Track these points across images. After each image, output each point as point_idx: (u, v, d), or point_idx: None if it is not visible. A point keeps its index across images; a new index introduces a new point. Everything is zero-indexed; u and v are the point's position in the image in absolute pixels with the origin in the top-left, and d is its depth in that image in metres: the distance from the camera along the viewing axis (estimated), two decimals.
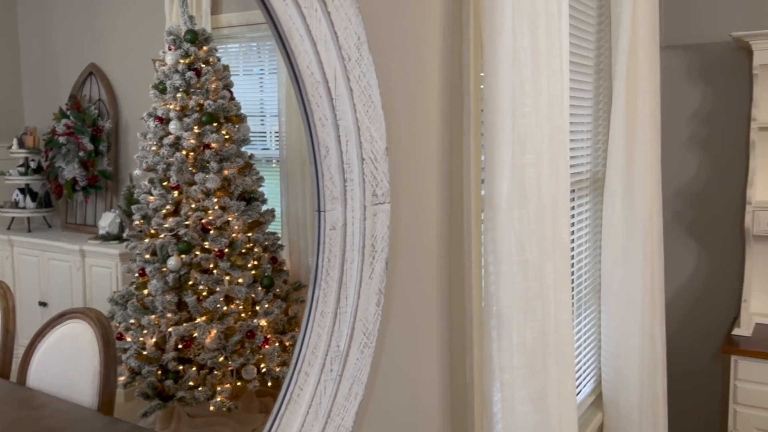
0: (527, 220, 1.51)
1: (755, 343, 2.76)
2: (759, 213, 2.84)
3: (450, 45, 1.49)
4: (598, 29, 2.52)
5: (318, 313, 1.07)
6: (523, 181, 1.50)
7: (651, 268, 2.51)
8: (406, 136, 1.36)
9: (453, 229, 1.55)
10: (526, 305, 1.52)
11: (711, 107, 3.15)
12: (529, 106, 1.49)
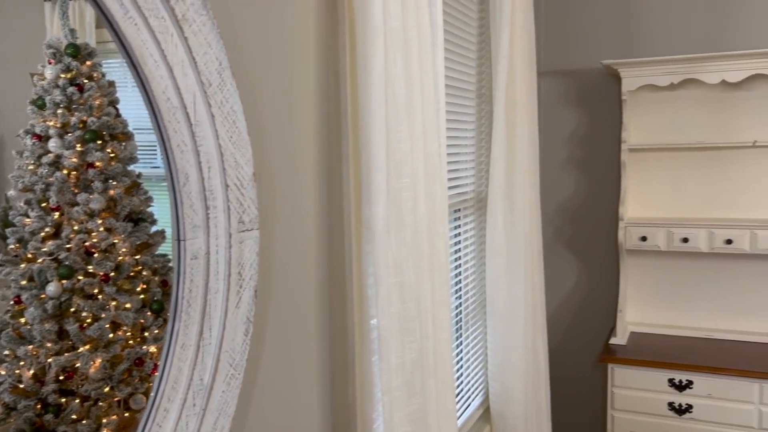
0: (404, 242, 1.54)
1: (630, 351, 2.94)
2: (630, 229, 3.04)
3: (326, 70, 1.50)
4: (479, 56, 2.63)
5: (178, 346, 1.03)
6: (399, 204, 1.53)
7: (532, 284, 2.62)
8: (280, 161, 1.35)
9: (333, 253, 1.55)
10: (404, 326, 1.54)
11: (586, 130, 3.36)
12: (403, 131, 1.52)
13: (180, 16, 0.98)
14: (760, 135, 2.94)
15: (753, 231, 2.83)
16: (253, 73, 1.26)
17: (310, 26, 1.44)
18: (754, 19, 2.97)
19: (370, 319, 1.51)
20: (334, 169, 1.54)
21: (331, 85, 1.52)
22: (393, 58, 1.48)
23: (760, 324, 3.05)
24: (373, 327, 1.50)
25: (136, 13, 0.93)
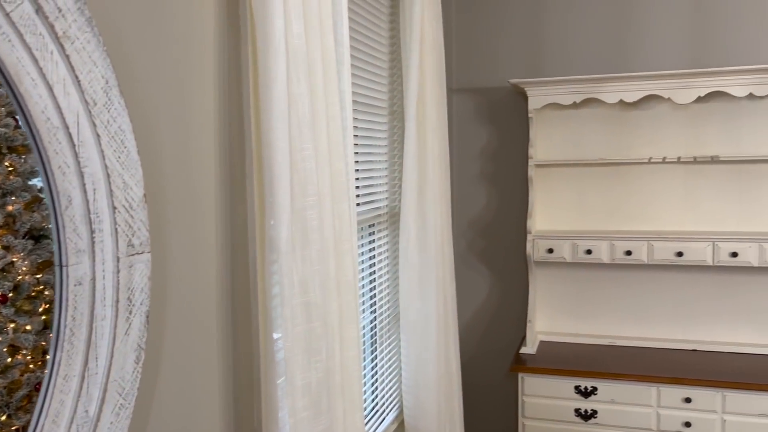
0: (310, 261, 1.53)
1: (539, 360, 3.04)
2: (538, 241, 3.15)
3: (228, 89, 1.48)
4: (390, 73, 2.67)
5: (60, 377, 0.98)
6: (304, 222, 1.52)
7: (444, 296, 2.67)
8: (176, 181, 1.31)
9: (237, 274, 1.52)
10: (310, 346, 1.53)
11: (497, 145, 3.47)
12: (308, 150, 1.52)
13: (61, 33, 0.94)
14: (654, 152, 3.13)
15: (650, 242, 2.99)
16: (145, 92, 1.22)
17: (210, 44, 1.41)
18: (649, 44, 3.17)
19: (276, 340, 1.49)
20: (237, 188, 1.51)
21: (233, 103, 1.50)
22: (296, 77, 1.47)
23: (656, 330, 3.22)
24: (278, 348, 1.48)
25: (11, 29, 0.88)
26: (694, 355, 3.06)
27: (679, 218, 3.15)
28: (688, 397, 2.75)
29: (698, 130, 3.08)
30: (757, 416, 2.67)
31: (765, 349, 3.05)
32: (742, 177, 3.06)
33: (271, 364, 1.49)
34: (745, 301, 3.09)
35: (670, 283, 3.19)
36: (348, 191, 1.76)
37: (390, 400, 2.76)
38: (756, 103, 3.00)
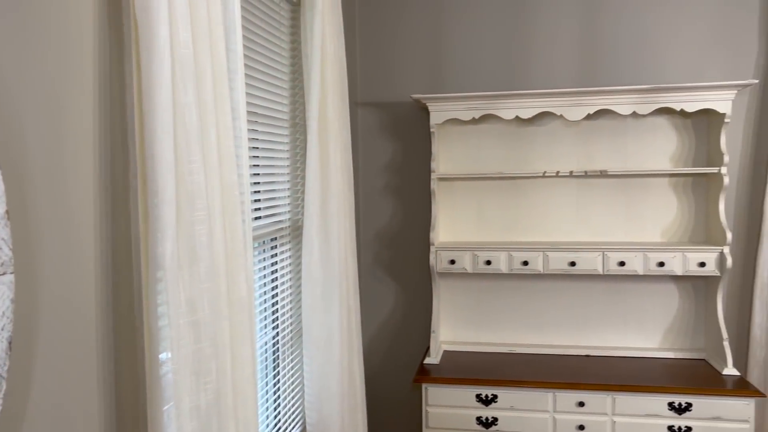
0: (199, 278, 1.47)
1: (442, 370, 3.08)
2: (441, 253, 3.21)
3: (109, 98, 1.40)
4: (292, 86, 2.64)
5: None
6: (192, 238, 1.46)
7: (348, 309, 2.65)
8: (48, 196, 1.22)
9: (119, 294, 1.44)
10: (200, 367, 1.47)
11: (402, 159, 3.51)
12: (196, 162, 1.46)
13: None
14: (549, 166, 3.27)
15: (545, 253, 3.11)
16: (11, 103, 1.14)
17: (89, 52, 1.34)
18: (543, 63, 3.31)
19: (162, 362, 1.42)
20: (119, 202, 1.44)
21: (116, 113, 1.42)
22: (183, 87, 1.42)
23: (553, 337, 3.35)
24: (165, 371, 1.41)
25: None
26: (587, 360, 3.20)
27: (572, 229, 3.30)
28: (581, 401, 2.86)
29: (588, 145, 3.25)
30: (644, 416, 2.82)
31: (651, 353, 3.24)
32: (628, 190, 3.24)
33: (157, 388, 1.41)
34: (633, 307, 3.28)
35: (565, 292, 3.33)
36: (242, 205, 1.72)
37: (293, 417, 2.71)
38: (639, 121, 3.20)
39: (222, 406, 1.52)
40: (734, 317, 3.24)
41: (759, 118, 3.16)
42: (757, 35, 3.13)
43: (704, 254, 2.97)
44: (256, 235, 2.32)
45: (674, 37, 3.19)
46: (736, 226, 3.21)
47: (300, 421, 2.75)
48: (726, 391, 2.77)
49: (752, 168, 3.19)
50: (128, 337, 1.46)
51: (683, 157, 3.18)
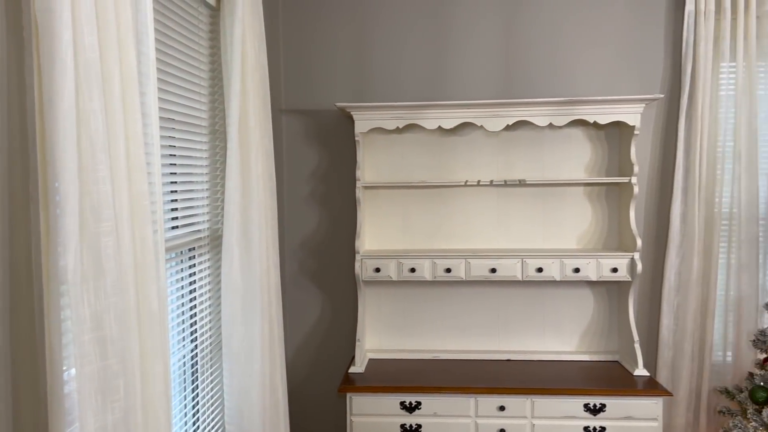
0: (105, 292, 1.41)
1: (367, 379, 3.08)
2: (366, 261, 3.21)
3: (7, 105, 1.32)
4: (211, 92, 2.58)
5: None
6: (98, 251, 1.40)
7: (270, 321, 2.61)
8: None
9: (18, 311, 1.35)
10: (106, 385, 1.40)
11: (327, 167, 3.49)
12: (102, 171, 1.40)
13: None
14: (470, 175, 3.34)
15: (467, 260, 3.17)
16: None
17: None
18: (464, 74, 3.39)
19: (65, 381, 1.34)
20: (19, 214, 1.36)
21: (14, 120, 1.34)
22: (88, 93, 1.36)
23: (475, 342, 3.42)
24: (68, 390, 1.34)
25: None
26: (508, 364, 3.28)
27: (493, 237, 3.38)
28: (502, 405, 2.93)
29: (508, 155, 3.34)
30: (561, 418, 2.91)
31: (568, 356, 3.35)
32: (546, 199, 3.35)
33: (59, 408, 1.34)
34: (551, 312, 3.39)
35: (486, 298, 3.41)
36: (154, 214, 1.66)
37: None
38: (556, 132, 3.31)
39: (131, 425, 1.46)
40: (645, 320, 3.41)
41: (665, 130, 3.34)
42: (663, 52, 3.32)
43: (616, 260, 3.11)
44: (172, 246, 2.25)
45: (588, 52, 3.34)
46: (645, 233, 3.38)
47: None
48: (636, 392, 2.89)
49: (660, 177, 3.36)
50: (28, 355, 1.38)
51: (597, 166, 3.32)
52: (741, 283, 3.25)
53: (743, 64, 3.17)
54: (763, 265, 3.25)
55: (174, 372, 2.36)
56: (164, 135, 2.19)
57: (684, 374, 3.25)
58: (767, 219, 3.24)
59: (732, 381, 3.24)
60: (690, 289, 3.24)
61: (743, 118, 3.18)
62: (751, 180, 3.20)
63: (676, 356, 3.29)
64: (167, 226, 2.27)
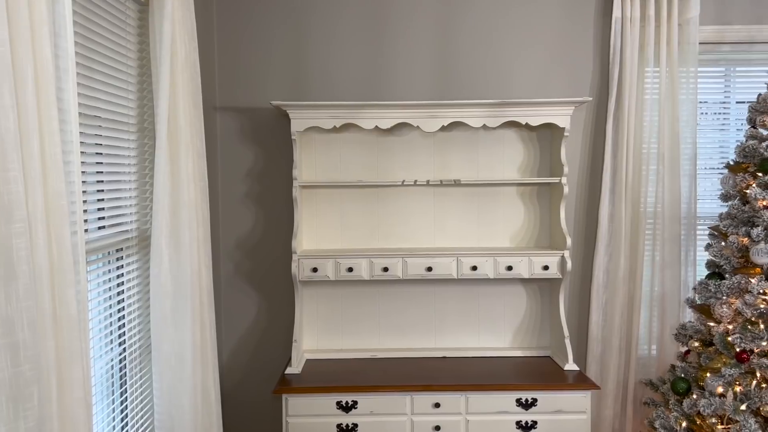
0: (16, 297, 1.35)
1: (303, 380, 3.06)
2: (303, 261, 3.19)
3: None
4: (139, 89, 2.51)
5: None
6: (9, 253, 1.34)
7: (201, 324, 2.56)
8: None
9: None
10: (18, 393, 1.35)
11: (264, 166, 3.45)
12: (14, 170, 1.35)
13: None
14: (407, 175, 3.36)
15: (404, 259, 3.20)
16: None
17: None
18: (401, 75, 3.41)
19: None
20: None
21: None
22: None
23: (412, 341, 3.45)
24: None
25: None
26: (443, 362, 3.32)
27: (430, 236, 3.42)
28: (437, 402, 2.96)
29: (444, 156, 3.38)
30: (495, 414, 2.97)
31: (502, 352, 3.42)
32: (480, 199, 3.42)
33: None
34: (485, 309, 3.45)
35: (423, 296, 3.44)
36: (73, 215, 1.61)
37: None
38: (490, 133, 3.38)
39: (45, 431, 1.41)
40: (575, 316, 3.51)
41: (594, 132, 3.45)
42: (592, 57, 3.43)
43: (547, 258, 3.20)
44: (97, 247, 2.18)
45: (521, 55, 3.41)
46: (575, 231, 3.49)
47: None
48: (566, 386, 2.98)
49: (589, 178, 3.47)
50: None
51: (529, 167, 3.40)
52: (665, 280, 3.39)
53: (666, 69, 3.32)
54: (684, 262, 3.40)
55: (101, 377, 2.29)
56: (89, 133, 2.12)
57: (612, 368, 3.37)
58: (688, 218, 3.40)
59: (656, 373, 3.38)
60: (617, 286, 3.36)
61: (666, 121, 3.32)
62: (674, 181, 3.34)
63: (604, 350, 3.41)
64: (93, 226, 2.21)
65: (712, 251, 2.93)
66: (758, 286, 2.65)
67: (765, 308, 2.63)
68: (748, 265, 2.77)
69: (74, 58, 1.64)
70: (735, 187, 2.88)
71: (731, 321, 2.76)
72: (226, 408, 3.45)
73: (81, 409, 1.56)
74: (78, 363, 1.55)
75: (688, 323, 3.06)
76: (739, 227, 2.80)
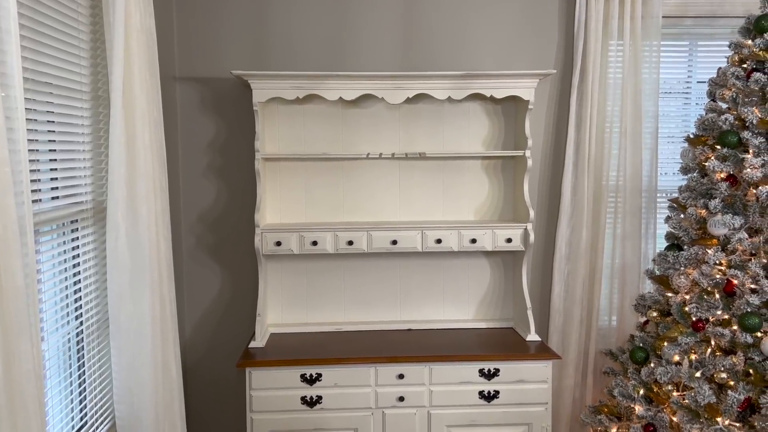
0: None
1: (267, 353, 3.05)
2: (267, 235, 3.15)
3: None
4: (92, 55, 2.42)
5: None
6: None
7: (161, 297, 2.52)
8: None
9: None
10: None
11: (225, 138, 3.39)
12: None
13: None
14: (372, 148, 3.34)
15: (369, 232, 3.18)
16: None
17: None
18: (365, 46, 3.36)
19: None
20: None
21: None
22: None
23: (377, 314, 3.46)
24: None
25: None
26: (408, 334, 3.34)
27: (395, 210, 3.41)
28: (401, 374, 2.98)
29: (409, 128, 3.36)
30: (458, 384, 3.00)
31: (466, 324, 3.45)
32: (445, 172, 3.41)
33: None
34: (450, 282, 3.47)
35: (388, 270, 3.45)
36: (18, 184, 1.55)
37: (101, 411, 2.53)
38: (455, 105, 3.36)
39: None
40: (537, 288, 3.56)
41: (558, 105, 3.46)
42: (557, 29, 3.42)
43: (511, 231, 3.21)
44: (49, 218, 2.11)
45: (486, 27, 3.39)
46: (539, 204, 3.51)
47: (110, 416, 2.58)
48: (528, 356, 3.03)
49: (553, 151, 3.49)
50: None
51: (494, 140, 3.40)
52: (625, 252, 3.45)
53: (630, 43, 3.33)
54: (645, 235, 3.46)
55: (57, 350, 2.24)
56: (40, 100, 2.05)
57: (573, 338, 3.43)
58: (649, 191, 3.45)
59: (616, 344, 3.46)
60: (579, 258, 3.41)
61: (629, 95, 3.35)
62: (635, 154, 3.38)
63: (566, 322, 3.46)
64: (47, 196, 2.14)
65: (671, 223, 2.98)
66: (714, 257, 2.71)
67: (721, 278, 2.69)
68: (706, 236, 2.82)
69: (17, 19, 1.56)
70: (694, 159, 2.92)
71: (688, 291, 2.82)
72: (189, 382, 3.42)
73: (30, 383, 1.51)
74: (26, 335, 1.50)
75: (647, 294, 3.12)
76: (698, 199, 2.85)
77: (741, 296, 2.61)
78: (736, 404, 2.49)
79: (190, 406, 3.36)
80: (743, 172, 2.68)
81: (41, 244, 2.10)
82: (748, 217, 2.70)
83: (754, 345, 2.57)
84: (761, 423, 2.45)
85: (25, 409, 1.48)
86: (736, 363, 2.58)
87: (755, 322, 2.54)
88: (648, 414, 2.79)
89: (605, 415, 3.06)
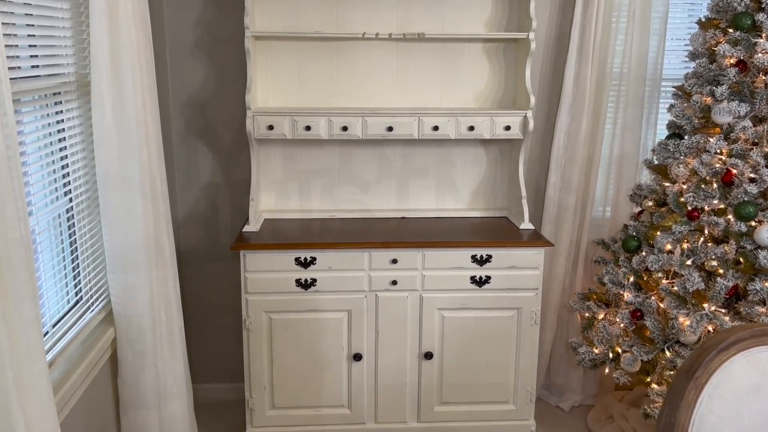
0: None
1: (261, 237, 3.05)
2: (258, 118, 3.06)
3: None
4: None
5: None
6: None
7: (151, 177, 2.47)
8: None
9: None
10: None
11: (214, 13, 3.21)
12: None
13: None
14: (368, 27, 3.18)
15: (364, 118, 3.09)
16: None
17: None
18: None
19: None
20: None
21: None
22: None
23: (373, 201, 3.43)
24: None
25: None
26: (403, 222, 3.34)
27: (391, 94, 3.30)
28: (395, 259, 3.00)
29: (408, 10, 3.19)
30: (450, 269, 3.03)
31: (461, 212, 3.45)
32: (444, 56, 3.27)
33: None
34: (446, 170, 3.43)
35: (383, 157, 3.38)
36: None
37: (96, 288, 2.55)
38: None
39: None
40: (533, 178, 3.52)
41: None
42: None
43: (510, 118, 3.13)
44: (29, 88, 2.01)
45: None
46: (540, 91, 3.41)
47: (105, 294, 2.60)
48: (521, 243, 3.04)
49: (557, 35, 3.34)
50: None
51: (497, 22, 3.24)
52: (624, 142, 3.39)
53: None
54: (646, 124, 3.39)
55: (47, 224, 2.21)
56: None
57: (566, 228, 3.44)
58: (654, 79, 3.34)
59: (609, 234, 3.47)
60: (577, 148, 3.35)
61: None
62: (642, 39, 3.24)
63: (560, 212, 3.45)
64: (26, 65, 2.03)
65: (674, 111, 2.90)
66: (716, 145, 2.66)
67: (720, 167, 2.65)
68: (709, 125, 2.76)
69: None
70: (704, 44, 2.80)
71: (686, 181, 2.80)
72: (183, 265, 3.44)
73: (19, 250, 1.49)
74: (10, 201, 1.45)
75: (644, 183, 3.09)
76: (704, 86, 2.76)
77: (739, 185, 2.59)
78: (723, 291, 2.53)
79: (185, 287, 3.40)
80: (754, 57, 2.58)
81: (23, 115, 2.02)
82: (754, 105, 2.63)
83: (747, 234, 2.57)
84: (747, 309, 2.50)
85: (12, 274, 1.46)
86: (728, 251, 2.60)
87: (751, 210, 2.53)
88: (636, 300, 2.84)
89: (593, 301, 3.12)
